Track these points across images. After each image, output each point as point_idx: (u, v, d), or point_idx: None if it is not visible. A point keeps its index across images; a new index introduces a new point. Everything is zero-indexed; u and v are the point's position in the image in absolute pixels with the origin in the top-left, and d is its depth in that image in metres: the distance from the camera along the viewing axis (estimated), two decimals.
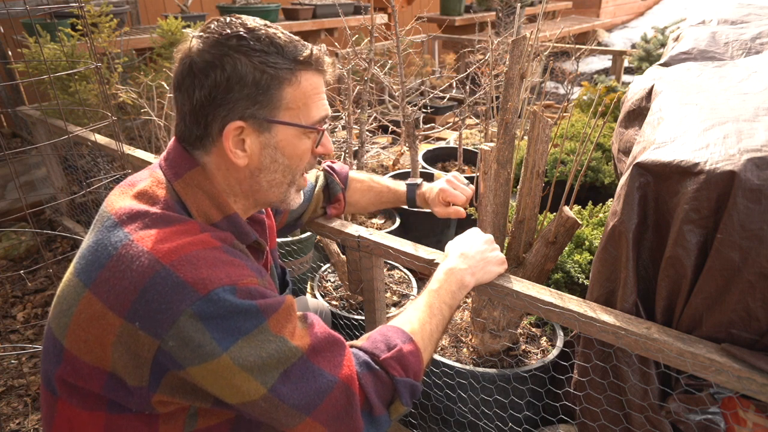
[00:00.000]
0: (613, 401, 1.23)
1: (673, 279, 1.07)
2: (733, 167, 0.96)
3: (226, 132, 0.89)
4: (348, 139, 2.44)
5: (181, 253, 0.79)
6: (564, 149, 2.77)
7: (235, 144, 0.91)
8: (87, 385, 0.82)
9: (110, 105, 2.21)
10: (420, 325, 1.02)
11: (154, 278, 0.76)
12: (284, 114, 0.92)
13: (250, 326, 0.79)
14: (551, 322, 1.74)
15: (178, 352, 0.76)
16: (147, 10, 4.90)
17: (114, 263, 0.80)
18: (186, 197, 0.91)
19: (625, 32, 8.47)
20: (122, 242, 0.81)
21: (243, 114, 0.89)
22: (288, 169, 0.97)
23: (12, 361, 2.27)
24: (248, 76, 0.87)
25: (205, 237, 0.85)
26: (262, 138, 0.92)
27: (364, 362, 0.93)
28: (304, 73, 0.92)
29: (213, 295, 0.77)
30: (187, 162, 0.93)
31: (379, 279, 1.51)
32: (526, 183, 1.35)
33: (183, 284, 0.76)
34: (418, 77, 3.94)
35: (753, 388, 0.92)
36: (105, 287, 0.79)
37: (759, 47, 1.65)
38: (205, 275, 0.78)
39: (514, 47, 1.27)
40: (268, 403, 0.80)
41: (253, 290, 0.82)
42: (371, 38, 2.46)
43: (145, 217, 0.85)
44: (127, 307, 0.77)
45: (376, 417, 0.91)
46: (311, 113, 0.95)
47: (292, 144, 0.94)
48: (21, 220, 3.28)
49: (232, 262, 0.84)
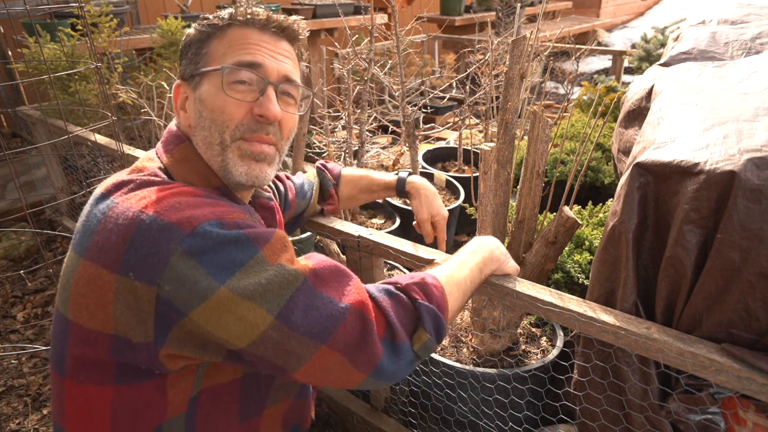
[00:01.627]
0: (613, 401, 1.23)
1: (673, 279, 1.07)
2: (733, 167, 0.96)
3: (174, 92, 0.95)
4: (348, 139, 2.44)
5: (164, 202, 0.79)
6: (564, 149, 2.77)
7: (181, 105, 0.96)
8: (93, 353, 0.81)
9: (110, 105, 2.21)
10: (448, 272, 1.00)
11: (139, 226, 0.76)
12: (208, 66, 0.93)
13: (244, 257, 0.77)
14: (551, 322, 1.74)
15: (176, 296, 0.75)
16: (147, 10, 4.90)
17: (102, 226, 0.80)
18: (173, 169, 0.92)
19: (625, 32, 8.47)
20: (108, 206, 0.82)
21: (182, 73, 0.96)
22: (213, 125, 0.91)
23: (12, 361, 2.27)
24: (189, 39, 0.96)
25: (188, 189, 0.85)
26: (194, 94, 0.94)
27: (383, 289, 0.90)
28: (233, 27, 0.94)
29: (199, 229, 0.76)
30: (177, 138, 0.96)
31: (379, 279, 1.51)
32: (526, 183, 1.35)
33: (168, 225, 0.76)
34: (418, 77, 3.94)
35: (753, 388, 0.92)
36: (96, 249, 0.79)
37: (759, 47, 1.65)
38: (189, 214, 0.77)
39: (514, 47, 1.27)
40: (278, 333, 0.77)
41: (240, 222, 0.80)
42: (371, 38, 2.46)
43: (129, 183, 0.86)
44: (119, 261, 0.76)
45: (398, 344, 0.86)
46: (227, 59, 0.92)
47: (211, 95, 0.91)
48: (21, 220, 3.28)
49: (217, 203, 0.83)
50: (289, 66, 0.97)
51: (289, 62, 0.98)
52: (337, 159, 2.63)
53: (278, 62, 0.95)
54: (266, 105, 0.92)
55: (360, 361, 0.82)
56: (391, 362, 0.85)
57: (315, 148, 3.27)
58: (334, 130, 2.91)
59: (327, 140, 2.64)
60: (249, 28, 0.94)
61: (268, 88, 0.93)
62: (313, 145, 3.24)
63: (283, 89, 0.96)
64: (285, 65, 0.96)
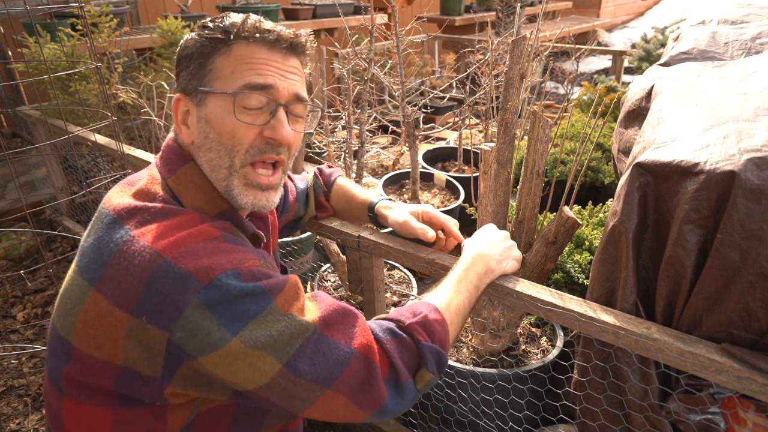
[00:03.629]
0: (613, 401, 1.23)
1: (673, 279, 1.07)
2: (733, 167, 0.96)
3: (173, 106, 0.92)
4: (348, 139, 2.44)
5: (182, 246, 0.79)
6: (564, 149, 2.77)
7: (183, 119, 0.93)
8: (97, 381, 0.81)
9: (110, 105, 2.21)
10: (447, 299, 1.01)
11: (156, 272, 0.76)
12: (213, 84, 0.89)
13: (258, 308, 0.78)
14: (551, 322, 1.74)
15: (188, 343, 0.76)
16: (147, 10, 4.90)
17: (116, 260, 0.80)
18: (180, 193, 0.91)
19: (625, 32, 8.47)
20: (123, 239, 0.81)
21: (183, 86, 0.92)
22: (222, 148, 0.89)
23: (12, 361, 2.27)
24: (191, 49, 0.90)
25: (205, 228, 0.84)
26: (198, 111, 0.90)
27: (387, 329, 0.91)
28: (238, 42, 0.88)
29: (216, 282, 0.76)
30: (180, 158, 0.93)
31: (379, 279, 1.51)
32: (526, 183, 1.35)
33: (186, 275, 0.76)
34: (418, 77, 3.94)
35: (753, 388, 0.92)
36: (110, 285, 0.79)
37: (759, 47, 1.65)
38: (207, 263, 0.77)
39: (514, 47, 1.27)
40: (285, 380, 0.79)
41: (256, 272, 0.81)
42: (371, 38, 2.46)
43: (144, 212, 0.84)
44: (133, 303, 0.77)
45: (402, 384, 0.88)
46: (236, 80, 0.88)
47: (219, 117, 0.88)
48: (21, 220, 3.28)
49: (233, 249, 0.83)
50: (298, 84, 0.94)
51: (299, 79, 0.95)
52: (337, 159, 2.63)
53: (288, 81, 0.92)
54: (279, 129, 0.90)
55: (365, 403, 0.85)
56: (395, 402, 0.88)
57: (315, 148, 3.27)
58: (334, 130, 2.91)
59: (327, 140, 2.64)
60: (257, 45, 0.89)
61: (279, 110, 0.91)
62: (313, 145, 3.24)
63: (292, 108, 0.94)
64: (295, 84, 0.93)
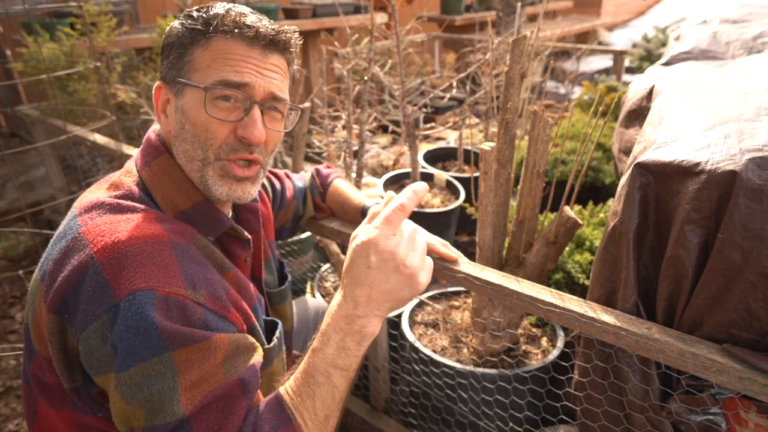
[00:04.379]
0: (613, 402, 1.23)
1: (674, 279, 1.06)
2: (735, 167, 0.96)
3: (154, 94, 0.92)
4: (348, 138, 2.44)
5: (115, 249, 0.75)
6: (564, 149, 2.77)
7: (162, 108, 0.93)
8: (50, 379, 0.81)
9: (109, 105, 2.21)
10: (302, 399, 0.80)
11: (85, 274, 0.75)
12: (191, 76, 0.88)
13: (148, 353, 0.71)
14: (552, 323, 1.74)
15: (85, 359, 0.76)
16: (146, 10, 4.90)
17: (60, 256, 0.79)
18: (152, 185, 0.89)
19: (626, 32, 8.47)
20: (72, 235, 0.80)
21: (162, 75, 0.92)
22: (196, 140, 0.87)
23: (11, 362, 2.27)
24: (171, 38, 0.90)
25: (156, 230, 0.80)
26: (176, 101, 0.90)
27: None
28: (217, 36, 0.87)
29: (124, 303, 0.72)
30: (156, 150, 0.92)
31: None
32: (526, 183, 1.34)
33: (105, 286, 0.73)
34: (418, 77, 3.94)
35: (754, 388, 0.91)
36: (48, 280, 0.79)
37: (760, 46, 1.65)
38: (126, 277, 0.73)
39: (515, 47, 1.26)
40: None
41: (171, 301, 0.74)
42: (371, 38, 2.45)
43: (100, 208, 0.83)
44: (58, 301, 0.76)
45: None
46: (211, 74, 0.86)
47: (194, 108, 0.87)
48: (20, 220, 3.28)
49: (166, 264, 0.76)
50: (276, 82, 0.92)
51: (278, 77, 0.92)
52: (337, 159, 2.63)
53: (265, 79, 0.89)
54: (250, 128, 0.88)
55: None
56: None
57: (315, 148, 3.26)
58: (334, 129, 2.90)
59: (327, 140, 2.64)
60: (236, 40, 0.87)
61: (254, 107, 0.89)
62: (313, 145, 3.24)
63: (269, 106, 0.92)
64: (272, 82, 0.91)
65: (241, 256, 1.01)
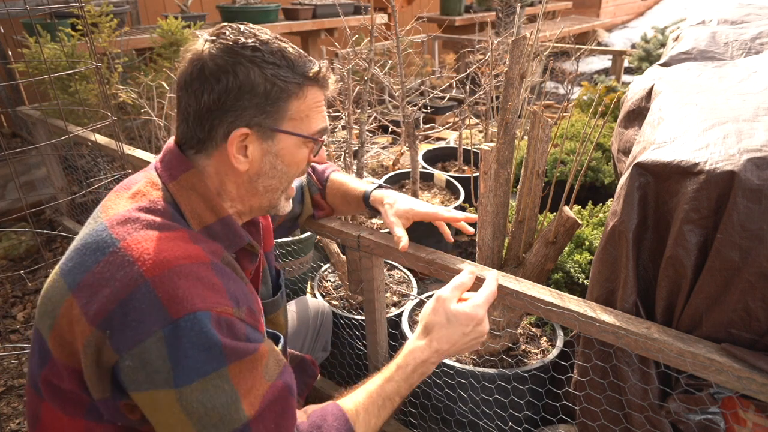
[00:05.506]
0: (612, 401, 1.23)
1: (673, 279, 1.07)
2: (733, 167, 0.96)
3: (232, 138, 0.91)
4: (348, 139, 2.44)
5: (165, 268, 0.78)
6: (564, 149, 2.77)
7: (239, 150, 0.93)
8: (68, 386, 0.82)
9: (110, 105, 2.21)
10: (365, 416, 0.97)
11: (134, 292, 0.76)
12: (287, 124, 0.95)
13: (209, 368, 0.77)
14: (551, 322, 1.74)
15: (130, 374, 0.76)
16: (147, 10, 4.91)
17: (99, 269, 0.79)
18: (180, 199, 0.91)
19: (625, 32, 8.48)
20: (109, 248, 0.81)
21: (249, 122, 0.91)
22: (285, 176, 1.00)
23: (12, 361, 2.27)
24: (259, 86, 0.90)
25: (195, 250, 0.84)
26: (265, 145, 0.95)
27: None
28: (310, 88, 0.96)
29: (183, 322, 0.76)
30: (183, 164, 0.94)
31: (379, 279, 1.51)
32: (526, 183, 1.35)
33: (159, 305, 0.76)
34: (418, 77, 3.94)
35: (753, 388, 0.92)
36: (87, 292, 0.79)
37: (759, 47, 1.65)
38: (182, 296, 0.77)
39: (514, 47, 1.27)
40: None
41: (224, 321, 0.80)
42: (371, 38, 2.46)
43: (135, 222, 0.84)
44: (101, 317, 0.76)
45: None
46: (312, 125, 0.98)
47: (291, 153, 0.98)
48: (21, 220, 3.28)
49: (214, 284, 0.82)
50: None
51: None
52: (337, 159, 2.63)
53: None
54: (322, 155, 1.06)
55: None
56: None
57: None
58: (334, 130, 2.91)
59: (327, 140, 2.64)
60: (318, 89, 0.98)
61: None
62: None
63: None
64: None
65: (248, 269, 1.05)
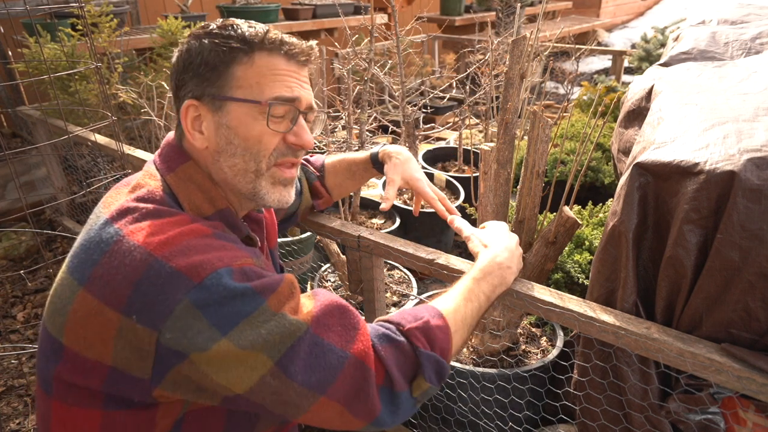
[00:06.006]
0: (612, 401, 1.23)
1: (673, 279, 1.07)
2: (733, 167, 0.96)
3: (182, 111, 0.92)
4: (348, 139, 2.44)
5: (173, 244, 0.79)
6: (564, 149, 2.77)
7: (193, 125, 0.93)
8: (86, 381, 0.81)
9: (110, 105, 2.21)
10: (454, 306, 0.98)
11: (147, 271, 0.76)
12: (236, 92, 0.91)
13: (249, 309, 0.78)
14: (551, 322, 1.74)
15: (178, 343, 0.75)
16: (147, 10, 4.90)
17: (107, 259, 0.79)
18: (178, 190, 0.92)
19: (625, 32, 8.48)
20: (114, 238, 0.81)
21: (195, 92, 0.92)
22: (248, 153, 0.93)
23: (12, 361, 2.27)
24: (201, 55, 0.91)
25: (196, 226, 0.84)
26: (216, 117, 0.92)
27: (383, 335, 0.89)
28: (260, 53, 0.91)
29: (207, 281, 0.76)
30: (181, 156, 0.94)
31: (379, 279, 1.51)
32: (526, 183, 1.35)
33: (177, 274, 0.76)
34: (418, 77, 3.94)
35: (753, 388, 0.92)
36: (99, 284, 0.79)
37: (759, 47, 1.65)
38: (198, 261, 0.77)
39: (514, 47, 1.27)
40: (277, 381, 0.78)
41: (248, 271, 0.80)
42: (371, 38, 2.46)
43: (135, 212, 0.85)
44: (123, 302, 0.76)
45: (397, 393, 0.87)
46: (264, 91, 0.91)
47: (244, 123, 0.91)
48: (21, 220, 3.29)
49: (224, 246, 0.83)
50: (311, 91, 0.99)
51: (310, 88, 1.00)
52: None
53: (305, 90, 0.97)
54: (302, 135, 0.97)
55: (359, 411, 0.83)
56: (390, 413, 0.87)
57: (315, 148, 3.27)
58: (334, 130, 2.91)
59: (327, 140, 2.64)
60: (277, 57, 0.93)
61: (300, 117, 0.96)
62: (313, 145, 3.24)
63: (307, 117, 1.00)
64: (309, 92, 0.98)
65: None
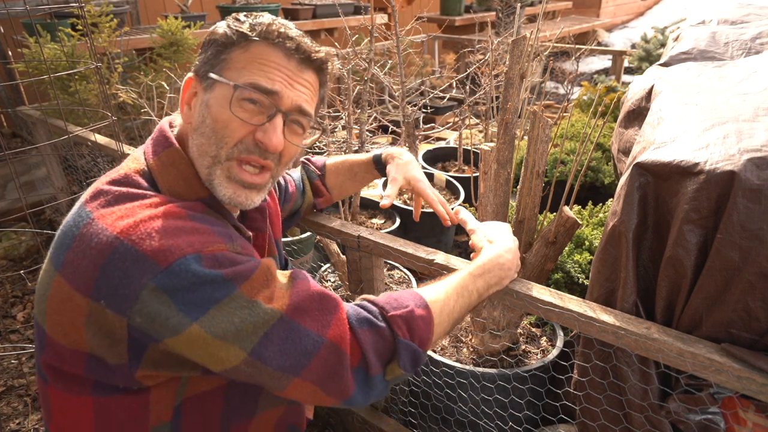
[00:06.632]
0: (613, 401, 1.23)
1: (673, 279, 1.07)
2: (733, 167, 0.96)
3: (184, 85, 0.92)
4: (348, 139, 2.44)
5: (141, 228, 0.77)
6: (564, 149, 2.78)
7: (188, 99, 0.93)
8: (70, 368, 0.81)
9: (110, 105, 2.21)
10: (444, 299, 0.97)
11: (112, 254, 0.75)
12: (224, 73, 0.89)
13: (219, 296, 0.76)
14: (551, 322, 1.74)
15: (148, 327, 0.75)
16: (147, 10, 4.90)
17: (77, 243, 0.79)
18: (158, 175, 0.89)
19: (625, 32, 8.48)
20: (84, 221, 0.80)
21: (196, 69, 0.93)
22: (213, 135, 0.88)
23: (12, 361, 2.27)
24: (214, 36, 0.91)
25: (169, 208, 0.81)
26: (204, 95, 0.90)
27: (365, 318, 0.88)
28: (260, 42, 0.89)
29: (175, 266, 0.74)
30: (167, 141, 0.92)
31: (379, 279, 1.51)
32: (526, 183, 1.35)
33: (143, 257, 0.74)
34: (418, 77, 3.94)
35: (753, 388, 0.92)
36: (70, 268, 0.78)
37: (759, 47, 1.65)
38: (166, 246, 0.75)
39: (514, 47, 1.27)
40: (251, 368, 0.78)
41: (220, 257, 0.78)
42: (371, 38, 2.46)
43: (107, 194, 0.83)
44: (91, 286, 0.75)
45: (371, 376, 0.87)
46: (242, 75, 0.88)
47: (218, 104, 0.88)
48: (21, 220, 3.28)
49: (197, 229, 0.80)
50: (305, 97, 0.93)
51: (307, 93, 0.93)
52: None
53: (294, 91, 0.90)
54: (269, 134, 0.88)
55: (331, 390, 0.84)
56: (362, 394, 0.87)
57: (315, 148, 3.27)
58: (334, 130, 2.91)
59: (327, 140, 2.64)
60: (275, 49, 0.89)
61: (277, 115, 0.89)
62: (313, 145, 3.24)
63: (293, 118, 0.92)
64: (301, 95, 0.92)
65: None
